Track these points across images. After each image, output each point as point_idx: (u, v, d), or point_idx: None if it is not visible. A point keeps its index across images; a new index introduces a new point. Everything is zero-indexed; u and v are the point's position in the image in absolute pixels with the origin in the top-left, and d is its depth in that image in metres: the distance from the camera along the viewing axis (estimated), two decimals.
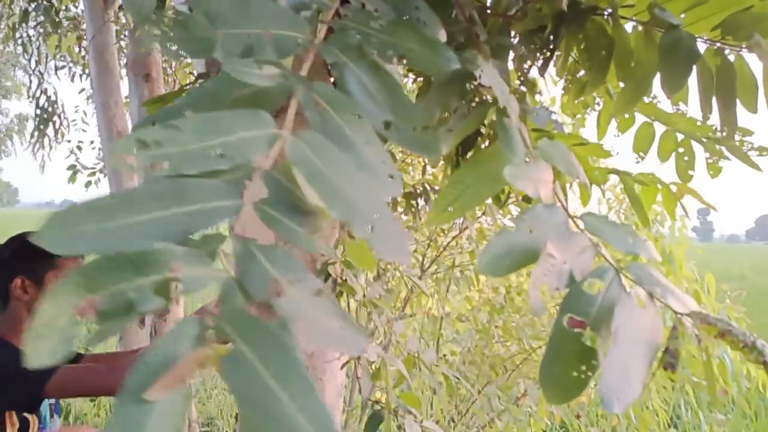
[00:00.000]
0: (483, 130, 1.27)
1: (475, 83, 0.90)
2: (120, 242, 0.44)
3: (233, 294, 0.45)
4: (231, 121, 0.54)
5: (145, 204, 0.46)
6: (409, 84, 2.36)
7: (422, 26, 0.74)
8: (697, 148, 1.43)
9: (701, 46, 1.01)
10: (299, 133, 0.56)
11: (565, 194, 1.74)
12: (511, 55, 1.27)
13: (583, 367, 0.55)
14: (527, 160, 0.84)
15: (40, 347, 0.39)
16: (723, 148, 1.35)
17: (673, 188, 1.69)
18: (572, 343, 0.59)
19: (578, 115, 2.46)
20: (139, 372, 0.39)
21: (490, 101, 0.92)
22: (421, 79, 1.46)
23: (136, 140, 0.47)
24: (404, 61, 0.69)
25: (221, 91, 0.61)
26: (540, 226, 0.71)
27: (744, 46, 0.98)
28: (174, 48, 0.64)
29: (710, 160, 1.40)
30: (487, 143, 1.30)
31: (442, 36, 0.75)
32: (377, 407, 1.39)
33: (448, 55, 0.70)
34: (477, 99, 0.99)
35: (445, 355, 3.00)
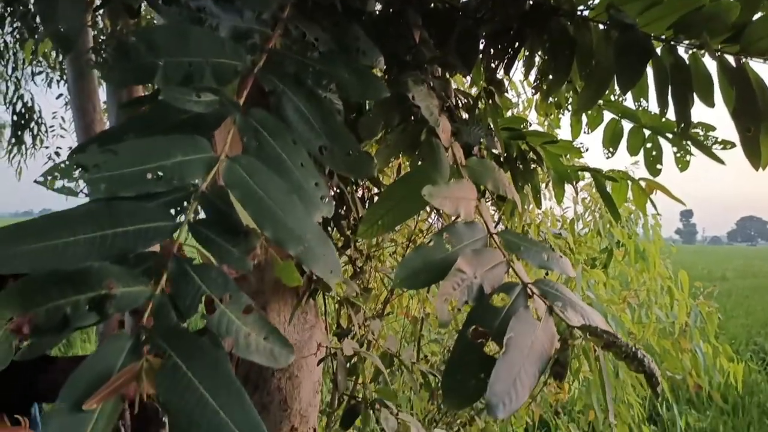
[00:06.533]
0: None
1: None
2: (57, 261, 0.46)
3: (166, 311, 0.48)
4: (168, 146, 0.56)
5: (81, 225, 0.49)
6: None
7: (361, 55, 0.80)
8: (666, 144, 1.47)
9: (657, 46, 1.05)
10: (235, 157, 0.60)
11: (540, 194, 1.78)
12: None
13: (482, 375, 0.60)
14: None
15: None
16: (688, 143, 1.39)
17: (644, 184, 1.73)
18: (474, 353, 0.64)
19: (552, 115, 2.51)
20: (78, 383, 0.43)
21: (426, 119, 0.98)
22: None
23: (76, 164, 0.50)
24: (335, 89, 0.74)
25: (160, 117, 0.63)
26: (459, 242, 0.76)
27: (698, 43, 1.03)
28: (115, 76, 0.66)
29: (678, 155, 1.44)
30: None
31: (380, 63, 0.81)
32: (353, 402, 1.41)
33: (377, 85, 0.76)
34: (418, 116, 1.05)
35: (426, 356, 3.02)
